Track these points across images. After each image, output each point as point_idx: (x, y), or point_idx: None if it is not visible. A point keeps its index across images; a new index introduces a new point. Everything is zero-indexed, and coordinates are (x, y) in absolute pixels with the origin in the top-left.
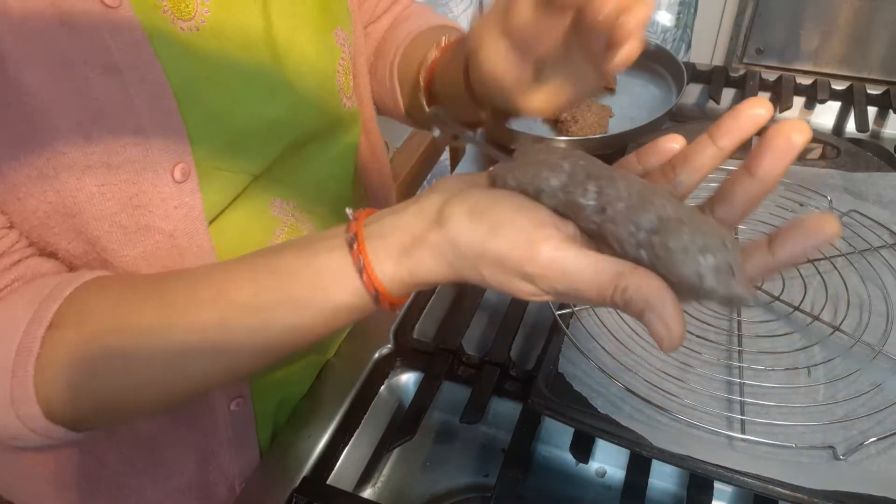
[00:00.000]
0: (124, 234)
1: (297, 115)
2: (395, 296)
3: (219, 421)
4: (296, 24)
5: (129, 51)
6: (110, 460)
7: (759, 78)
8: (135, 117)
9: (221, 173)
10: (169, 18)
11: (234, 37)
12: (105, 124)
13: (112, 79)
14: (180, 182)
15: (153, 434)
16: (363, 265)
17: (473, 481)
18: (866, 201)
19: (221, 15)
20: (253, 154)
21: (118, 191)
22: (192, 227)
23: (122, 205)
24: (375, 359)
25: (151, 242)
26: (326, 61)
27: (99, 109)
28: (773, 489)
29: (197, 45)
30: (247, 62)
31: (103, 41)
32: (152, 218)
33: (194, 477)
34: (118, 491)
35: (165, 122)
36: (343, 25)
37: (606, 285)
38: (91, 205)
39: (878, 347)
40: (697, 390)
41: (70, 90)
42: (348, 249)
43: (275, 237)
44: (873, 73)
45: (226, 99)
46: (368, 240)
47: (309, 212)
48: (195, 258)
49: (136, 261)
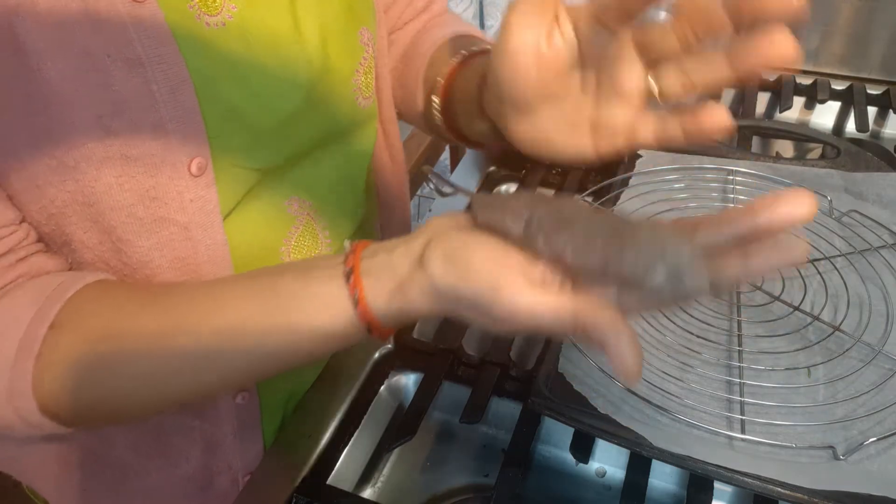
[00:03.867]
0: (140, 225)
1: (312, 112)
2: (390, 326)
3: (224, 413)
4: (322, 21)
5: (152, 45)
6: (117, 443)
7: (758, 78)
8: (155, 111)
9: (236, 169)
10: (195, 14)
11: (259, 34)
12: (125, 117)
13: (134, 73)
14: (197, 176)
15: (160, 421)
16: (358, 298)
17: (473, 481)
18: (866, 201)
19: (248, 12)
20: (267, 150)
21: (135, 183)
22: (207, 221)
23: (138, 196)
24: (375, 359)
25: (166, 234)
26: (348, 60)
27: (120, 102)
28: (773, 489)
29: (221, 41)
30: (269, 59)
31: (127, 35)
32: (168, 210)
33: (199, 466)
34: (122, 474)
35: (185, 117)
36: (368, 25)
37: (567, 326)
38: (108, 195)
39: (878, 347)
40: (697, 390)
41: (92, 83)
42: (345, 281)
43: (289, 235)
44: (873, 73)
45: (244, 94)
46: (363, 276)
47: (323, 212)
48: (208, 251)
49: (150, 251)
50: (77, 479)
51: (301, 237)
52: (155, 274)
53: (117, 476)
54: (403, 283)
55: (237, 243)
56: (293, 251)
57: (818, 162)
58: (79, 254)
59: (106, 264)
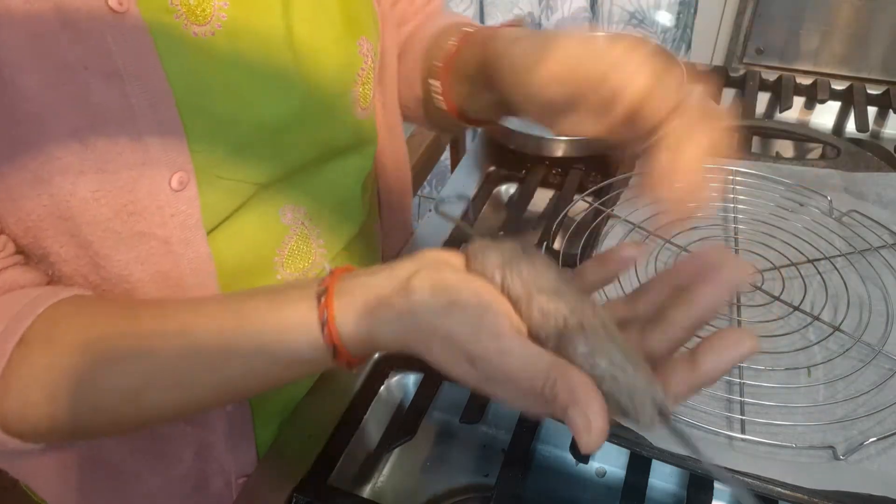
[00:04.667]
0: (118, 240)
1: (305, 122)
2: (353, 354)
3: (215, 417)
4: (316, 29)
5: (132, 57)
6: (110, 446)
7: (758, 78)
8: (133, 125)
9: (224, 182)
10: (182, 24)
11: (251, 40)
12: (102, 131)
13: (112, 85)
14: (178, 191)
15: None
16: (326, 319)
17: (473, 481)
18: (866, 201)
19: (241, 18)
20: (257, 162)
21: (112, 197)
22: (189, 236)
23: (115, 211)
24: (375, 359)
25: (146, 248)
26: (345, 70)
27: (97, 115)
28: (773, 489)
29: (209, 50)
30: (261, 66)
31: (106, 47)
32: (147, 225)
33: (192, 468)
34: (118, 476)
35: (165, 131)
36: (369, 36)
37: (539, 374)
38: (85, 210)
39: (878, 347)
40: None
41: (68, 95)
42: (316, 303)
43: (283, 245)
44: (873, 73)
45: (233, 104)
46: (338, 295)
47: (318, 221)
48: (191, 265)
49: (129, 265)
50: (74, 481)
51: (295, 246)
52: (135, 288)
53: (113, 478)
54: (380, 303)
55: (227, 255)
56: (287, 261)
57: (818, 162)
58: (57, 267)
59: (84, 279)
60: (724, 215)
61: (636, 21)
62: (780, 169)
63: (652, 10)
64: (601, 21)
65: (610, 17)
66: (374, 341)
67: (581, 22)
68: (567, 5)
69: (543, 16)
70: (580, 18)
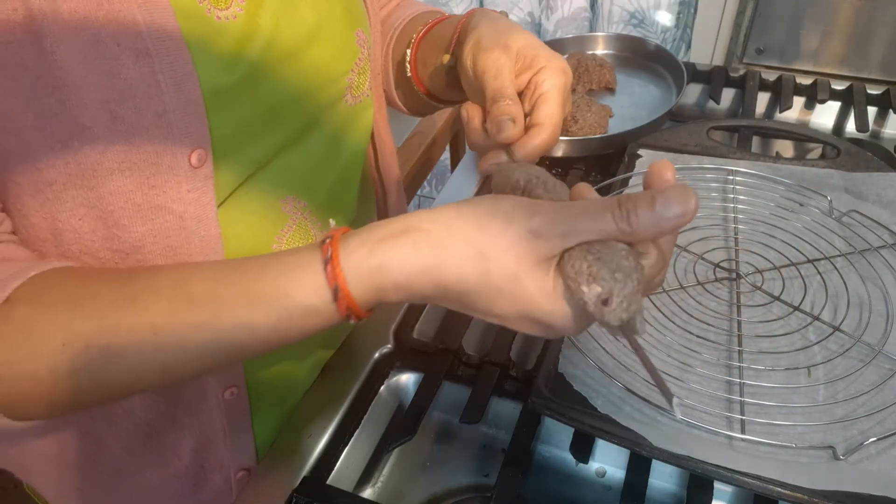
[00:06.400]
0: (136, 211)
1: (302, 101)
2: (357, 297)
3: (213, 408)
4: (324, 16)
5: (160, 38)
6: (109, 443)
7: (758, 78)
8: (160, 101)
9: (231, 161)
10: (205, 8)
11: (262, 29)
12: (131, 105)
13: (142, 63)
14: (196, 167)
15: (151, 419)
16: (330, 256)
17: (473, 481)
18: (866, 201)
19: (254, 6)
20: (258, 140)
21: (137, 170)
22: (202, 212)
23: (138, 183)
24: (375, 359)
25: (161, 222)
26: (343, 60)
27: (126, 90)
28: (773, 489)
29: (228, 34)
30: (268, 52)
31: (137, 27)
32: (165, 199)
33: (191, 463)
34: (117, 473)
35: (189, 109)
36: (363, 27)
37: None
38: (109, 179)
39: (878, 347)
40: (697, 390)
41: (100, 69)
42: (319, 246)
43: (282, 234)
44: (873, 73)
45: (243, 87)
46: (342, 240)
47: (316, 212)
48: (202, 242)
49: (144, 237)
50: (73, 479)
51: (294, 236)
52: (146, 259)
53: (112, 476)
54: (389, 237)
55: (229, 236)
56: (285, 249)
57: (818, 162)
58: (64, 246)
59: (93, 256)
60: (724, 215)
61: (636, 21)
62: (779, 169)
63: (652, 10)
64: (601, 21)
65: (610, 17)
66: (384, 275)
67: (581, 22)
68: (567, 5)
69: (543, 16)
70: (580, 18)
